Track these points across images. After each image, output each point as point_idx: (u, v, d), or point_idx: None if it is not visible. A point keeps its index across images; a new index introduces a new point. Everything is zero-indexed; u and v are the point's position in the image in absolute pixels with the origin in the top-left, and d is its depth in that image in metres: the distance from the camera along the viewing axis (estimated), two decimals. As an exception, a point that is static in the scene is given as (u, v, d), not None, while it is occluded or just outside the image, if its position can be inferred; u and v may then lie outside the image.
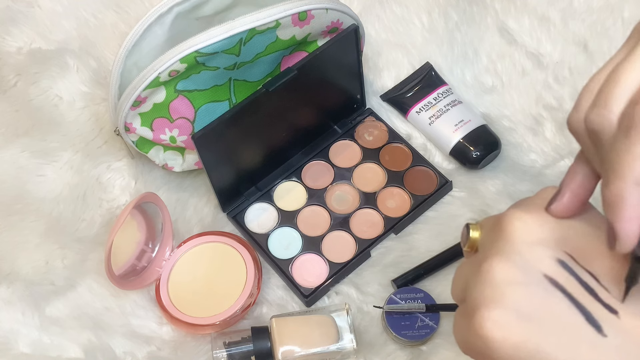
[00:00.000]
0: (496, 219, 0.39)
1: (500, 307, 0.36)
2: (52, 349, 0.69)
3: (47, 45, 0.85)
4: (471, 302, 0.37)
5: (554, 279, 0.36)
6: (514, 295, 0.36)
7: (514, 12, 0.83)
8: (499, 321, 0.36)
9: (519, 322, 0.36)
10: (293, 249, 0.74)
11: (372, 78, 0.83)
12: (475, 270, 0.38)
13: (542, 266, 0.36)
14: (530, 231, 0.37)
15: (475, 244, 0.41)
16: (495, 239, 0.38)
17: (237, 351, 0.67)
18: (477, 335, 0.36)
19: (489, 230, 0.40)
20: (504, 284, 0.36)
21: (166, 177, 0.79)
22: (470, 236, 0.41)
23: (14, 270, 0.73)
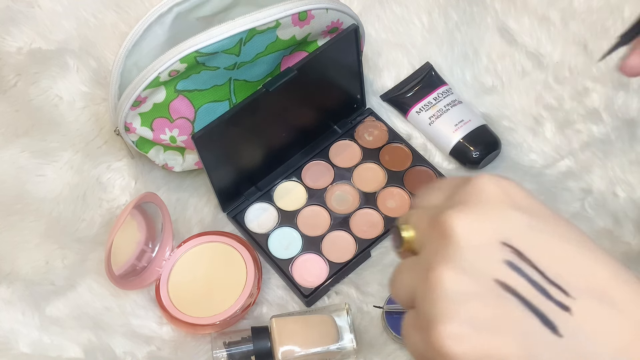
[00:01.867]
0: (432, 219, 0.38)
1: (458, 322, 0.35)
2: (52, 349, 0.69)
3: (47, 45, 0.85)
4: (425, 316, 0.36)
5: (505, 283, 0.35)
6: (470, 307, 0.35)
7: (514, 12, 0.83)
8: (458, 336, 0.35)
9: (479, 334, 0.35)
10: (293, 249, 0.74)
11: (372, 78, 0.83)
12: (423, 279, 0.37)
13: (492, 271, 0.35)
14: (474, 232, 0.36)
15: (412, 245, 0.40)
16: (438, 245, 0.37)
17: (237, 351, 0.67)
18: (437, 352, 0.36)
19: (428, 231, 0.38)
20: (457, 297, 0.35)
21: (166, 177, 0.79)
22: (405, 237, 0.40)
23: (14, 270, 0.73)
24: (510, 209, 0.37)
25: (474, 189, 0.37)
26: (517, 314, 0.35)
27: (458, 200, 0.38)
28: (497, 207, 0.37)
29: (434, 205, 0.40)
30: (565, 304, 0.34)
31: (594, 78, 0.79)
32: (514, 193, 0.37)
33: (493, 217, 0.36)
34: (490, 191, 0.37)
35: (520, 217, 0.36)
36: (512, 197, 0.37)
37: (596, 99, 0.78)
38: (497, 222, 0.36)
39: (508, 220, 0.36)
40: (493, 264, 0.35)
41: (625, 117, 0.77)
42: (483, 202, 0.37)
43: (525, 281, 0.35)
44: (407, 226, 0.40)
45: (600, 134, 0.77)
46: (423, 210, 0.40)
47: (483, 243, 0.35)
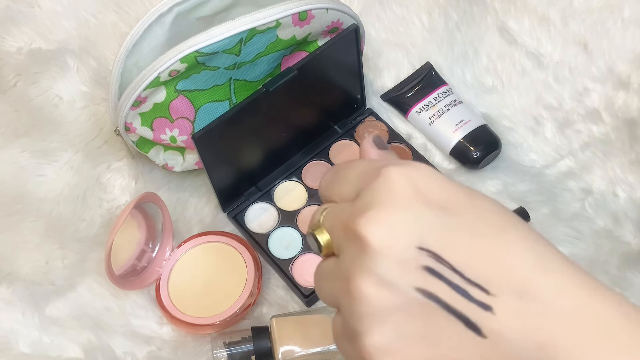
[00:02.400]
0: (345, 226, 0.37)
1: (384, 336, 0.35)
2: (52, 349, 0.69)
3: (47, 45, 0.85)
4: (350, 326, 0.36)
5: (425, 290, 0.34)
6: (394, 320, 0.35)
7: (514, 12, 0.83)
8: (386, 350, 0.35)
9: (407, 346, 0.35)
10: (293, 249, 0.74)
11: (372, 78, 0.83)
12: (344, 289, 0.36)
13: (412, 280, 0.35)
14: (388, 240, 0.35)
15: (330, 247, 0.39)
16: (354, 254, 0.36)
17: (237, 351, 0.67)
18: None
19: (342, 237, 0.37)
20: (380, 311, 0.35)
21: (166, 177, 0.79)
22: (322, 243, 0.39)
23: (14, 270, 0.73)
24: (422, 207, 0.35)
25: (383, 186, 0.36)
26: (441, 321, 0.35)
27: (368, 201, 0.36)
28: (408, 207, 0.36)
29: (343, 202, 0.39)
30: (486, 304, 0.34)
31: (594, 78, 0.79)
32: (424, 186, 0.36)
33: (405, 220, 0.35)
34: (400, 188, 0.36)
35: (433, 216, 0.35)
36: (423, 192, 0.36)
37: (596, 99, 0.78)
38: (411, 226, 0.35)
39: (421, 221, 0.35)
40: (412, 272, 0.35)
41: (625, 117, 0.77)
42: (393, 202, 0.36)
43: (446, 285, 0.34)
44: (321, 230, 0.39)
45: (600, 134, 0.77)
46: (334, 211, 0.39)
47: (399, 250, 0.35)
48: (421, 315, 0.35)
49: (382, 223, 0.35)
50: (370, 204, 0.36)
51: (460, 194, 0.36)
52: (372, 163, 0.39)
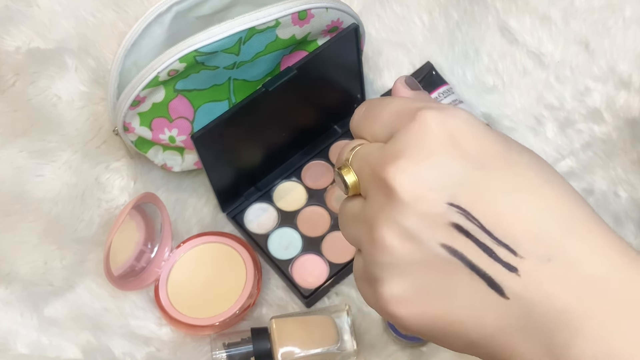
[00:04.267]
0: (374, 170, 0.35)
1: (401, 286, 0.35)
2: (50, 349, 0.69)
3: (46, 44, 0.84)
4: (370, 271, 0.36)
5: (451, 247, 0.34)
6: (414, 273, 0.35)
7: (515, 11, 0.82)
8: (402, 300, 0.35)
9: (423, 299, 0.35)
10: (293, 250, 0.74)
11: (373, 77, 0.83)
12: (367, 235, 0.36)
13: (438, 235, 0.34)
14: (421, 191, 0.34)
15: (357, 188, 0.38)
16: (381, 201, 0.35)
17: (236, 352, 0.67)
18: (384, 311, 0.36)
19: (370, 181, 0.36)
20: (401, 262, 0.35)
21: (165, 177, 0.78)
22: (349, 184, 0.38)
23: (12, 270, 0.73)
24: (456, 160, 0.34)
25: (417, 132, 0.35)
26: (463, 279, 0.34)
27: (400, 148, 0.35)
28: (442, 159, 0.34)
29: (375, 141, 0.38)
30: (512, 265, 0.33)
31: (595, 77, 0.79)
32: (461, 135, 0.35)
33: (438, 173, 0.34)
34: (435, 136, 0.35)
35: (466, 170, 0.34)
36: (459, 142, 0.35)
37: (598, 98, 0.78)
38: (442, 179, 0.34)
39: (453, 174, 0.34)
40: (439, 228, 0.34)
41: (627, 116, 0.77)
42: (426, 152, 0.34)
43: (473, 244, 0.34)
44: (348, 169, 0.38)
45: (601, 134, 0.77)
46: (364, 151, 0.38)
47: (428, 205, 0.34)
48: (443, 271, 0.34)
49: (413, 174, 0.34)
50: (402, 151, 0.35)
51: (497, 146, 0.35)
52: (409, 103, 0.37)
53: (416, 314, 0.35)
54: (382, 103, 0.38)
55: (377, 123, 0.38)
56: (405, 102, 0.37)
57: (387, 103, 0.38)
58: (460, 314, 0.35)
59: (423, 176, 0.34)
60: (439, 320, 0.35)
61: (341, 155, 0.40)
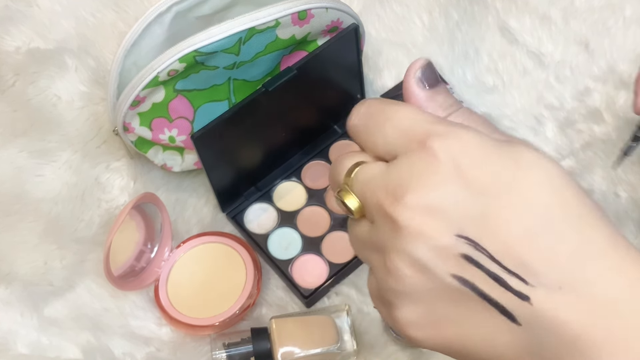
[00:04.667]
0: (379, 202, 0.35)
1: (415, 313, 0.36)
2: (50, 349, 0.69)
3: (46, 44, 0.85)
4: (385, 296, 0.37)
5: (462, 277, 0.34)
6: (426, 301, 0.35)
7: (515, 11, 0.82)
8: (418, 325, 0.36)
9: (437, 325, 0.36)
10: (293, 250, 0.74)
11: (373, 77, 0.83)
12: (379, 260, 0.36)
13: (449, 267, 0.34)
14: (429, 227, 0.34)
15: (362, 212, 0.37)
16: (391, 233, 0.35)
17: (236, 352, 0.67)
18: (400, 332, 0.37)
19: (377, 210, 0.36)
20: (413, 291, 0.35)
21: (165, 177, 0.78)
22: (353, 209, 0.37)
23: (12, 270, 0.73)
24: (464, 191, 0.34)
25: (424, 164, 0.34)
26: (475, 307, 0.34)
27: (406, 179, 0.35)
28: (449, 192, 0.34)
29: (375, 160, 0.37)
30: (524, 294, 0.33)
31: (595, 77, 0.79)
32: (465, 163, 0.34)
33: (445, 207, 0.34)
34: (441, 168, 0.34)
35: (474, 200, 0.34)
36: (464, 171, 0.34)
37: (597, 98, 0.78)
38: (450, 213, 0.34)
39: (461, 206, 0.34)
40: (449, 259, 0.34)
41: (626, 116, 0.77)
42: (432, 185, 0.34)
43: (483, 273, 0.34)
44: (349, 194, 0.37)
45: (601, 134, 0.77)
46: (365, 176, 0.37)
47: (437, 239, 0.34)
48: (455, 300, 0.35)
49: (419, 209, 0.34)
50: (407, 184, 0.34)
51: (505, 170, 0.34)
52: (417, 123, 0.36)
53: (431, 337, 0.36)
54: (385, 112, 0.37)
55: (379, 136, 0.37)
56: (413, 123, 0.36)
57: (392, 115, 0.37)
58: (474, 338, 0.35)
59: (429, 210, 0.34)
60: (454, 344, 0.36)
61: (337, 176, 0.39)
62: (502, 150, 0.35)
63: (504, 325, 0.34)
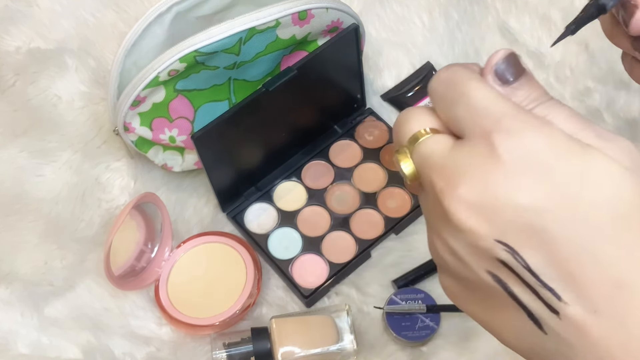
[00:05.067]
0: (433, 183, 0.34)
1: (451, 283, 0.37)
2: (51, 349, 0.69)
3: (46, 44, 0.85)
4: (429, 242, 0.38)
5: (496, 275, 0.34)
6: (461, 282, 0.36)
7: (515, 11, 0.82)
8: (452, 292, 0.37)
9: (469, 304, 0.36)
10: (293, 249, 0.74)
11: (373, 77, 0.83)
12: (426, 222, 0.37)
13: (485, 264, 0.34)
14: (472, 221, 0.33)
15: (415, 178, 0.36)
16: (437, 214, 0.34)
17: (236, 352, 0.67)
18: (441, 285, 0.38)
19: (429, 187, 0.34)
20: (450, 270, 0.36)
21: (165, 177, 0.78)
22: (407, 175, 0.35)
23: (12, 270, 0.73)
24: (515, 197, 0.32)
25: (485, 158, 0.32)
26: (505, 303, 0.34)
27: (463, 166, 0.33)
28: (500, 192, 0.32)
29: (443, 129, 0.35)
30: (555, 308, 0.33)
31: (595, 78, 0.79)
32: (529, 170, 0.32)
33: (493, 205, 0.32)
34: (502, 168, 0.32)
35: (523, 209, 0.32)
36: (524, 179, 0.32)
37: (597, 98, 0.78)
38: (497, 215, 0.32)
39: (508, 211, 0.32)
40: (485, 259, 0.33)
41: (627, 117, 0.77)
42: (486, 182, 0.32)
43: (517, 279, 0.33)
44: (406, 158, 0.35)
45: (601, 134, 0.77)
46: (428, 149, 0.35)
47: (476, 237, 0.33)
48: (487, 292, 0.35)
49: (467, 203, 0.33)
50: (463, 174, 0.33)
51: (566, 183, 0.32)
52: (488, 111, 0.33)
53: (462, 307, 0.37)
54: (464, 86, 0.34)
55: (451, 109, 0.35)
56: (488, 107, 0.34)
57: (470, 91, 0.34)
58: (500, 327, 0.35)
59: (477, 208, 0.32)
60: (481, 322, 0.37)
61: (400, 135, 0.36)
62: (571, 160, 0.32)
63: (530, 329, 0.34)
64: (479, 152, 0.33)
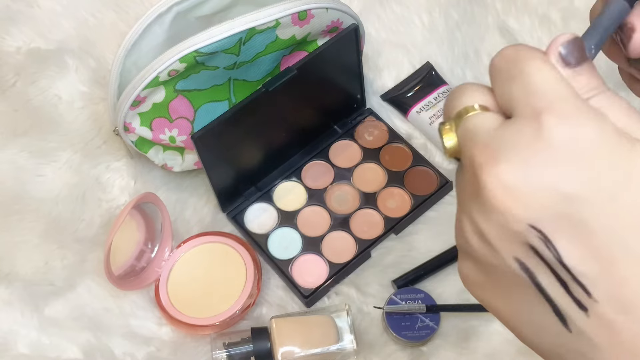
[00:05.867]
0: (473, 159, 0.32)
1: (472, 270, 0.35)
2: (51, 349, 0.69)
3: (46, 44, 0.85)
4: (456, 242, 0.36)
5: (524, 264, 0.32)
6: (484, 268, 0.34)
7: (515, 11, 0.82)
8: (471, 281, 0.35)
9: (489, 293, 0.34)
10: (293, 249, 0.74)
11: (372, 78, 0.83)
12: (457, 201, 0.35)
13: (513, 250, 0.32)
14: (507, 202, 0.31)
15: (457, 153, 0.34)
16: (471, 191, 0.33)
17: (236, 352, 0.67)
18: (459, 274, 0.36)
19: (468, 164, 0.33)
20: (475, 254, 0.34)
21: (165, 177, 0.78)
22: (447, 147, 0.34)
23: (13, 270, 0.73)
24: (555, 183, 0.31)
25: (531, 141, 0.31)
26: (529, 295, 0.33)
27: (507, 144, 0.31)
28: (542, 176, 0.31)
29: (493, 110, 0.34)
30: (584, 304, 0.31)
31: (595, 78, 0.79)
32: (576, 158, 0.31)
33: (532, 188, 0.31)
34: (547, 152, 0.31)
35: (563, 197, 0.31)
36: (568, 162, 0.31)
37: (597, 98, 0.78)
38: (534, 197, 0.31)
39: (545, 196, 0.31)
40: (515, 244, 0.32)
41: (626, 117, 0.77)
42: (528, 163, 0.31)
43: (547, 269, 0.32)
44: (450, 131, 0.34)
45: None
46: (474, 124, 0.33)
47: (510, 218, 0.31)
48: (512, 281, 0.33)
49: (505, 185, 0.31)
50: (506, 151, 0.31)
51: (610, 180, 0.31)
52: (544, 91, 0.32)
53: (479, 296, 0.35)
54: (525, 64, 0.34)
55: (506, 86, 0.34)
56: (545, 88, 0.33)
57: (529, 70, 0.33)
58: (519, 320, 0.34)
59: (514, 188, 0.31)
60: (500, 314, 0.35)
61: (450, 108, 0.35)
62: (620, 156, 0.31)
63: (554, 325, 0.32)
64: (527, 131, 0.31)
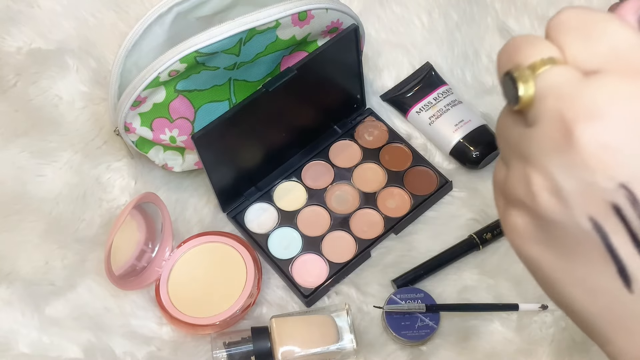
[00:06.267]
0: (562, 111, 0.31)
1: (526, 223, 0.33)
2: (51, 349, 0.69)
3: (47, 45, 0.85)
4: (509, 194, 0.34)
5: (599, 224, 0.31)
6: (545, 223, 0.32)
7: (514, 12, 0.83)
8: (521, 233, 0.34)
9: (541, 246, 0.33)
10: (293, 249, 0.74)
11: (372, 78, 0.83)
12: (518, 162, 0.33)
13: (591, 209, 0.31)
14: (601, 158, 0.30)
15: (529, 106, 0.33)
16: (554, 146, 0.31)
17: (237, 351, 0.67)
18: (503, 226, 0.35)
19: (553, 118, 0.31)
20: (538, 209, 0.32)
21: (166, 177, 0.78)
22: (524, 97, 0.33)
23: (13, 270, 0.73)
24: None
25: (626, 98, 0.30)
26: (593, 254, 0.32)
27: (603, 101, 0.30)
28: None
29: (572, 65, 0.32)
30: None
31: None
32: None
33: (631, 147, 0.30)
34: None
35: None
36: None
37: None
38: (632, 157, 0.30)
39: None
40: (595, 203, 0.31)
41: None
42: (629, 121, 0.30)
43: (624, 231, 0.31)
44: (528, 80, 0.33)
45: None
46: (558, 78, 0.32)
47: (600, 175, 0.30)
48: (575, 239, 0.32)
49: (604, 138, 0.30)
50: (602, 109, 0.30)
51: None
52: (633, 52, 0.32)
53: (527, 250, 0.34)
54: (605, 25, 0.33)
55: (587, 46, 0.33)
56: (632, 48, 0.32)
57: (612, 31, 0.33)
58: (572, 280, 0.33)
59: (611, 146, 0.30)
60: (546, 270, 0.34)
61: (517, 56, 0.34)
62: None
63: (613, 288, 0.32)
64: (625, 90, 0.31)
